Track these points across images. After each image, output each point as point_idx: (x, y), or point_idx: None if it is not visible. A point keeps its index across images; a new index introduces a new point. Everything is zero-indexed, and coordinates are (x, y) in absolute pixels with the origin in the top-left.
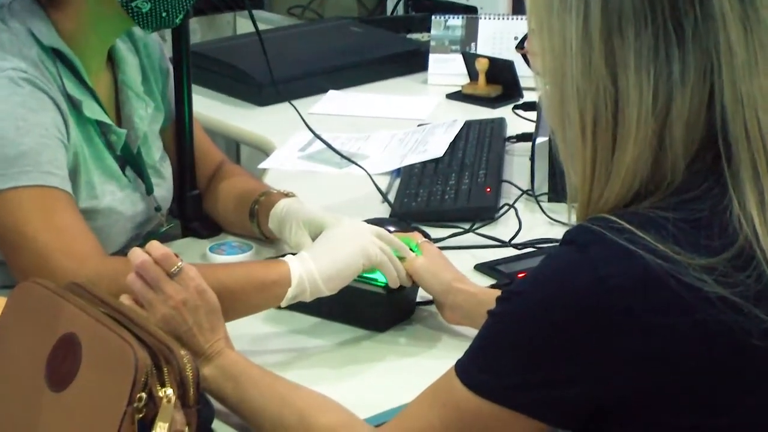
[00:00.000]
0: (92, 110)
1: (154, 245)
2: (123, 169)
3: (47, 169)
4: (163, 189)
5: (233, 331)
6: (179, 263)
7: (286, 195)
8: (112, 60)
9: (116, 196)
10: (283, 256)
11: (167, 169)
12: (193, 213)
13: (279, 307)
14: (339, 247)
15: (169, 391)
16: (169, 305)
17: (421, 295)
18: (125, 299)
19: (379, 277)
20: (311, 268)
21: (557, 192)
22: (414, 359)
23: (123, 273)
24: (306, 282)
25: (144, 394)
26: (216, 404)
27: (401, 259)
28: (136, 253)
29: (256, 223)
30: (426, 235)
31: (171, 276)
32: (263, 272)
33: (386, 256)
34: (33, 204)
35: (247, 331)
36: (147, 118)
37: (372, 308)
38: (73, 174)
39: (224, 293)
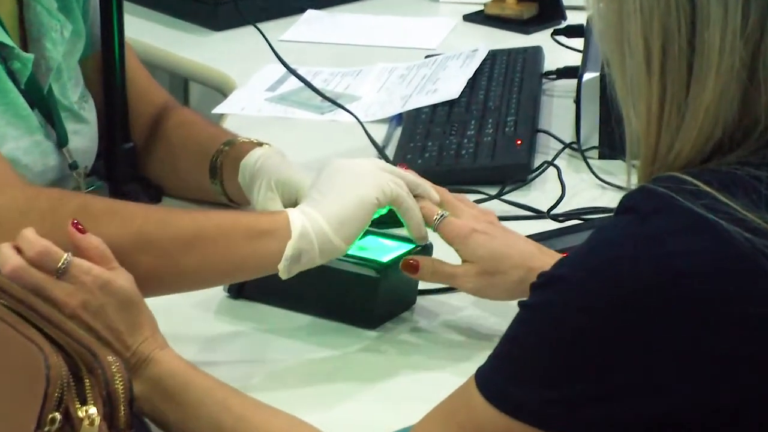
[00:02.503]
0: None
1: (26, 239)
2: (32, 108)
3: None
4: (84, 138)
5: (173, 331)
6: (65, 256)
7: (259, 144)
8: None
9: (21, 144)
10: None
11: (90, 112)
12: (126, 172)
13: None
14: (342, 185)
15: (92, 410)
16: (64, 315)
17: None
18: None
19: (372, 256)
20: (315, 216)
21: (611, 145)
22: (417, 366)
23: (62, 203)
24: (311, 233)
25: (58, 415)
26: (155, 428)
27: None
28: (3, 257)
29: (219, 181)
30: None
31: (58, 275)
32: (253, 219)
33: (403, 191)
34: None
35: (194, 331)
36: (62, 44)
37: (360, 297)
38: None
39: (197, 238)
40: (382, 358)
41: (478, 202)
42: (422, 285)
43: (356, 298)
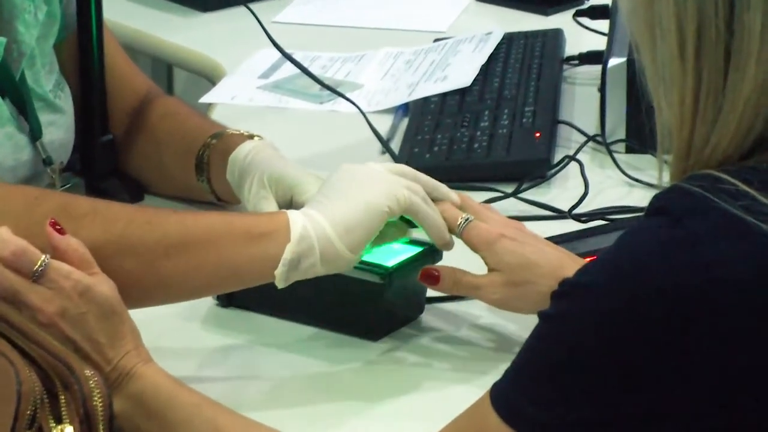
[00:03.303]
0: None
1: (0, 237)
2: (2, 98)
3: None
4: (60, 129)
5: (157, 343)
6: (43, 257)
7: (250, 136)
8: None
9: None
10: None
11: (66, 100)
12: (104, 167)
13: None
14: (349, 189)
15: (68, 429)
16: (39, 323)
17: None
18: None
19: (376, 259)
20: (318, 219)
21: (640, 138)
22: (425, 381)
23: (38, 203)
24: (313, 236)
25: None
26: None
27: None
28: None
29: (206, 178)
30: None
31: (34, 279)
32: (247, 221)
33: (418, 197)
34: None
35: (180, 343)
36: (36, 27)
37: (363, 305)
38: None
39: (184, 242)
40: (387, 373)
41: (493, 200)
42: (431, 292)
43: (358, 306)
